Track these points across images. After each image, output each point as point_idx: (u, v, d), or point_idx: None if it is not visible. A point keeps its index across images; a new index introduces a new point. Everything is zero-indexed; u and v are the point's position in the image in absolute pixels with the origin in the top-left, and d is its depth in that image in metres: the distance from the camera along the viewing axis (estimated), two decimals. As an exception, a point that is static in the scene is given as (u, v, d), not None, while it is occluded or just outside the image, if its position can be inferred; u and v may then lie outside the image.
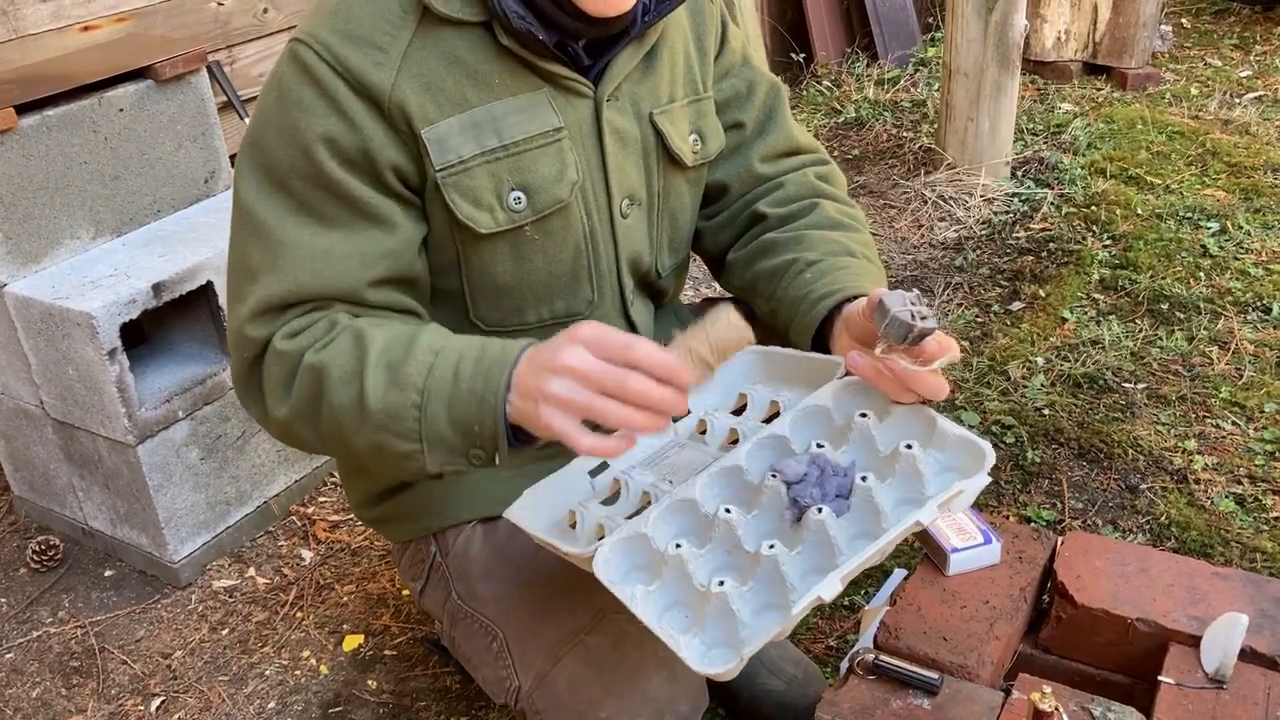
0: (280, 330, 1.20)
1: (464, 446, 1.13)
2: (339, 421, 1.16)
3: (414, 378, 1.13)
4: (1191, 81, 4.35)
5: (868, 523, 1.12)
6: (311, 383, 1.17)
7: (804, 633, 1.94)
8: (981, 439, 1.13)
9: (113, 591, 2.20)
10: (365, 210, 1.22)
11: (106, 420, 2.05)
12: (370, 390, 1.13)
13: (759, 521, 1.17)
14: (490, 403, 1.09)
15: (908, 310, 1.07)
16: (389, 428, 1.13)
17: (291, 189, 1.21)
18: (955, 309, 2.94)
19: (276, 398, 1.20)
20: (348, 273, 1.21)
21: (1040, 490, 2.26)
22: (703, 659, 1.07)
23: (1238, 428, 2.39)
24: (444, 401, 1.12)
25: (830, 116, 4.24)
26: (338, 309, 1.21)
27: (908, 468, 1.14)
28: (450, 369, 1.13)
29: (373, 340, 1.16)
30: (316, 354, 1.17)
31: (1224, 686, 1.21)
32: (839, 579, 1.04)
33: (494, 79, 1.24)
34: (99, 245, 2.19)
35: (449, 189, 1.24)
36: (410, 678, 1.94)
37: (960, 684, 1.24)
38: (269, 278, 1.20)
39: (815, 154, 1.56)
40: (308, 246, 1.20)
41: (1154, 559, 1.39)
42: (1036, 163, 3.67)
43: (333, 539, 2.28)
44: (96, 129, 2.14)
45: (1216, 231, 3.18)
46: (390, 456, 1.16)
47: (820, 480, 1.14)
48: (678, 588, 1.13)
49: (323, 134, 1.19)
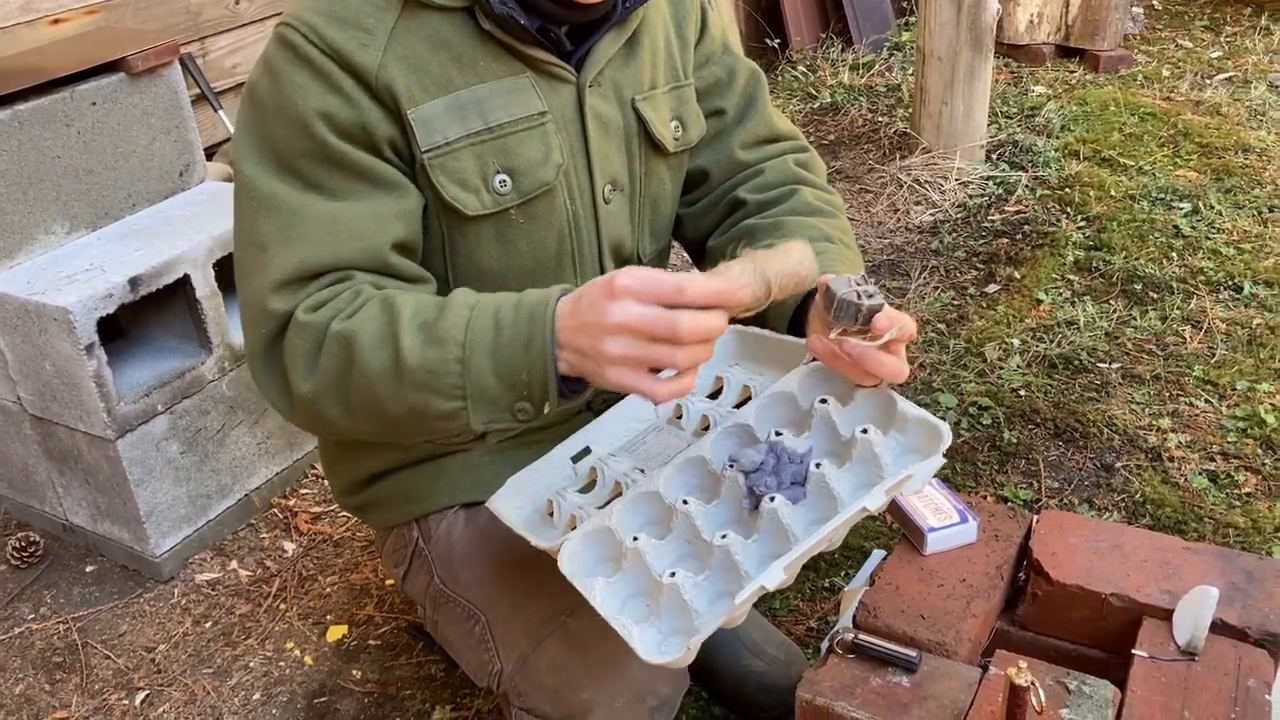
0: (303, 303, 1.16)
1: (509, 399, 1.10)
2: (372, 389, 1.12)
3: (453, 331, 1.10)
4: (1163, 63, 4.38)
5: (824, 509, 1.14)
6: (340, 351, 1.13)
7: (785, 615, 1.96)
8: (939, 419, 1.15)
9: (95, 587, 2.19)
10: (373, 177, 1.21)
11: (85, 415, 2.05)
12: (407, 350, 1.10)
13: (719, 511, 1.19)
14: (538, 347, 1.07)
15: (853, 291, 1.09)
16: (429, 385, 1.10)
17: (297, 169, 1.20)
18: (931, 292, 2.96)
19: (300, 372, 1.16)
20: (365, 233, 1.19)
21: (1017, 470, 2.28)
22: (656, 648, 1.09)
23: (1211, 405, 2.42)
24: (487, 352, 1.09)
25: (806, 102, 4.25)
26: (360, 280, 1.19)
27: (865, 452, 1.16)
28: (490, 319, 1.10)
29: (403, 304, 1.13)
30: (343, 322, 1.14)
31: (1195, 658, 1.23)
32: (782, 568, 1.06)
33: (478, 62, 1.25)
34: (74, 240, 2.18)
35: (435, 170, 1.24)
36: (394, 666, 1.95)
37: (938, 661, 1.26)
38: (284, 248, 1.18)
39: (795, 140, 1.57)
40: (322, 214, 1.18)
41: (1127, 535, 1.41)
42: (1011, 146, 3.70)
43: (315, 531, 2.29)
44: (69, 123, 2.13)
45: (1189, 212, 3.21)
46: (430, 418, 1.13)
47: (776, 469, 1.16)
48: (637, 579, 1.15)
49: (320, 110, 1.18)
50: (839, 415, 1.20)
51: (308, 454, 2.43)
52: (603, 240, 1.40)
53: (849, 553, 2.07)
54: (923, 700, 1.20)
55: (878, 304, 1.09)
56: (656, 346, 1.02)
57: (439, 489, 1.46)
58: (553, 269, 1.37)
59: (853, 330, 1.11)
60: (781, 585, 1.08)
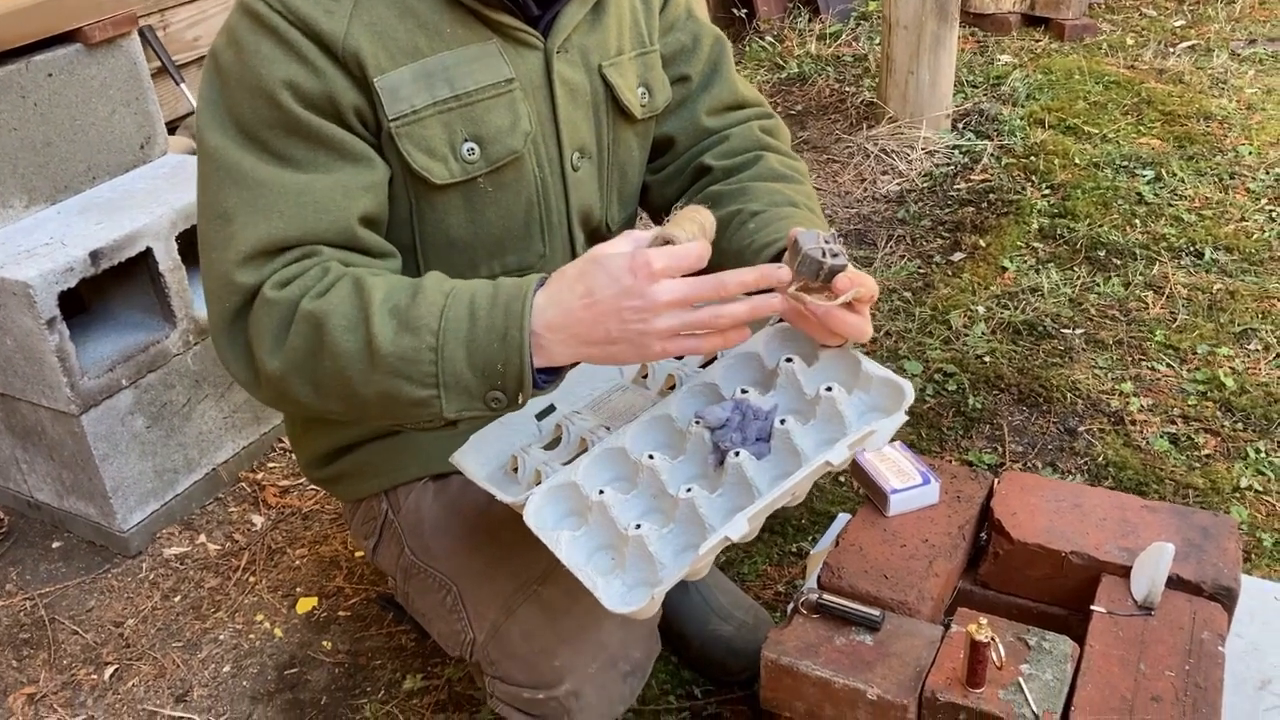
0: (270, 279, 1.16)
1: (483, 389, 1.11)
2: (342, 371, 1.12)
3: (427, 319, 1.10)
4: (1127, 31, 4.41)
5: (788, 464, 1.16)
6: (309, 331, 1.12)
7: (753, 579, 1.98)
8: (902, 378, 1.17)
9: (61, 563, 2.18)
10: (339, 148, 1.20)
11: (48, 390, 2.03)
12: (379, 335, 1.10)
13: (685, 466, 1.21)
14: (514, 339, 1.08)
15: (819, 248, 1.10)
16: (402, 373, 1.10)
17: (262, 139, 1.19)
18: (898, 261, 2.97)
19: (267, 349, 1.15)
20: (332, 206, 1.18)
21: (981, 435, 2.31)
22: (621, 599, 1.11)
23: (1172, 369, 2.45)
24: (462, 342, 1.09)
25: (773, 72, 4.25)
26: (328, 256, 1.18)
27: (828, 410, 1.17)
28: (465, 307, 1.10)
29: (374, 286, 1.13)
30: (313, 301, 1.13)
31: (1152, 613, 1.25)
32: (745, 519, 1.08)
33: (445, 29, 1.24)
34: (33, 214, 2.15)
35: (402, 139, 1.24)
36: (365, 637, 1.95)
37: (901, 620, 1.27)
38: (250, 220, 1.16)
39: (760, 108, 1.57)
40: (289, 185, 1.17)
41: (1087, 495, 1.43)
42: (976, 114, 3.71)
43: (283, 504, 2.28)
44: (25, 94, 2.09)
45: (1151, 179, 3.24)
46: (402, 404, 1.13)
47: (741, 425, 1.18)
48: (603, 532, 1.17)
49: (285, 80, 1.17)
50: (804, 374, 1.22)
51: (275, 427, 2.42)
52: (571, 208, 1.40)
53: (815, 517, 2.09)
54: (885, 658, 1.22)
55: (841, 264, 1.11)
56: (703, 313, 1.07)
57: (408, 461, 1.46)
58: (521, 237, 1.37)
59: (814, 287, 1.13)
60: (745, 537, 1.09)
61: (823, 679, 1.21)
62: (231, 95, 1.19)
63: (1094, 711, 1.14)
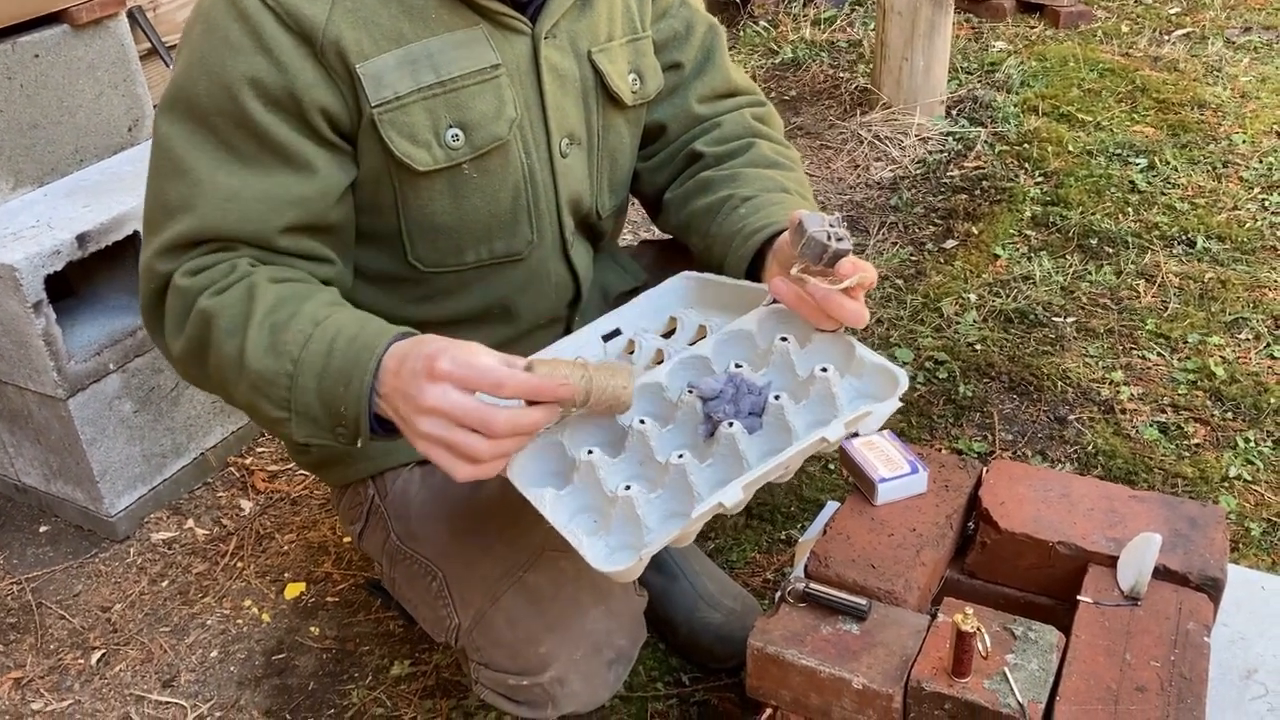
0: (182, 266, 1.20)
1: (330, 423, 1.14)
2: (222, 370, 1.17)
3: (290, 347, 1.13)
4: (1122, 19, 4.39)
5: (779, 440, 1.16)
6: (201, 326, 1.17)
7: (742, 567, 1.98)
8: (897, 366, 1.17)
9: (49, 547, 2.18)
10: (283, 153, 1.20)
11: (35, 374, 2.02)
12: (250, 349, 1.14)
13: (674, 435, 1.21)
14: (356, 388, 1.10)
15: (825, 231, 1.10)
16: (262, 390, 1.14)
17: (212, 126, 1.19)
18: (890, 248, 2.97)
19: (172, 333, 1.21)
20: (254, 216, 1.20)
21: (971, 423, 2.31)
22: (606, 559, 1.10)
23: (1163, 358, 2.45)
24: (315, 376, 1.12)
25: (767, 57, 4.23)
26: (242, 252, 1.21)
27: (822, 390, 1.17)
28: (325, 344, 1.12)
29: (262, 297, 1.16)
30: (209, 299, 1.17)
31: (1138, 603, 1.25)
32: (740, 487, 1.08)
33: (430, 14, 1.23)
34: (19, 196, 2.14)
35: (385, 126, 1.23)
36: (353, 623, 1.95)
37: (888, 609, 1.27)
38: (182, 215, 1.19)
39: (752, 95, 1.56)
40: (221, 185, 1.19)
41: (1075, 485, 1.43)
42: (970, 101, 3.70)
43: (272, 489, 2.27)
44: (11, 76, 2.08)
45: (1145, 168, 3.24)
46: (260, 418, 1.19)
47: (735, 397, 1.17)
48: (588, 493, 1.16)
49: (248, 75, 1.17)
50: (797, 355, 1.21)
51: (264, 413, 2.41)
52: (560, 195, 1.39)
53: (804, 505, 2.09)
54: (872, 647, 1.22)
55: (845, 248, 1.10)
56: (466, 434, 1.04)
57: (395, 446, 1.45)
58: (508, 223, 1.36)
59: (815, 270, 1.12)
60: (736, 507, 1.09)
61: (809, 668, 1.21)
62: (193, 75, 1.19)
63: (1079, 701, 1.14)
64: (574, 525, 1.14)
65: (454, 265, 1.37)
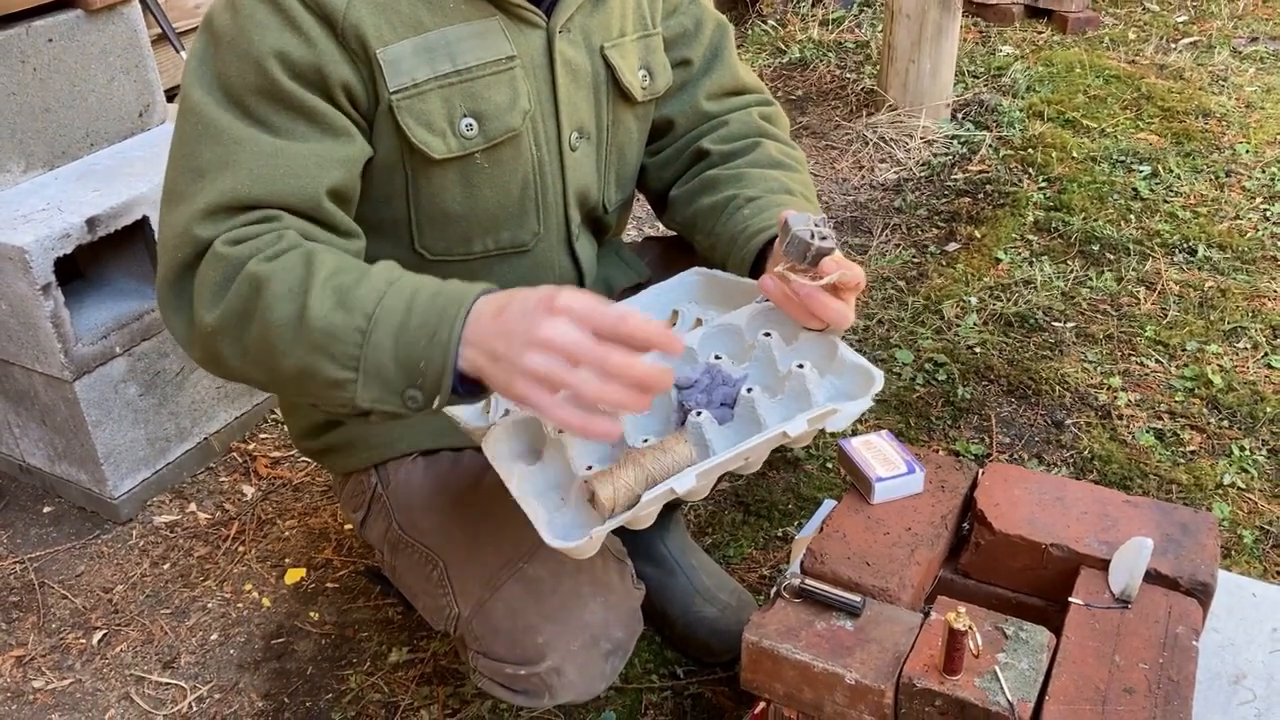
0: (224, 235, 1.14)
1: (402, 384, 1.08)
2: (269, 338, 1.10)
3: (364, 302, 1.08)
4: (1130, 26, 4.41)
5: (748, 431, 1.18)
6: (249, 293, 1.11)
7: (738, 562, 2.00)
8: (875, 367, 1.19)
9: (52, 527, 2.19)
10: (320, 120, 1.20)
11: (42, 356, 2.04)
12: (313, 307, 1.07)
13: (648, 420, 1.23)
14: (442, 340, 1.05)
15: (809, 230, 1.12)
16: (326, 349, 1.08)
17: (245, 104, 1.18)
18: (893, 249, 2.98)
19: (206, 303, 1.14)
20: (303, 172, 1.17)
21: (969, 425, 2.32)
22: (561, 535, 1.12)
23: (1161, 365, 2.47)
24: (392, 331, 1.07)
25: (775, 56, 4.25)
26: (287, 223, 1.17)
27: (797, 386, 1.20)
28: (404, 300, 1.08)
29: (322, 262, 1.11)
30: (260, 264, 1.11)
31: (1129, 606, 1.27)
32: (694, 474, 1.10)
33: (448, 3, 1.25)
34: (30, 179, 2.15)
35: (403, 113, 1.24)
36: (352, 609, 1.97)
37: (882, 607, 1.29)
38: (221, 175, 1.15)
39: (760, 94, 1.58)
40: (264, 146, 1.17)
41: (1070, 488, 1.45)
42: (976, 105, 3.71)
43: (274, 475, 2.29)
44: (24, 59, 2.09)
45: (1148, 175, 3.25)
46: (317, 383, 1.10)
47: (709, 388, 1.20)
48: (556, 470, 1.19)
49: (276, 49, 1.17)
50: (780, 351, 1.24)
51: (268, 398, 2.43)
52: (568, 188, 1.40)
53: (802, 503, 2.11)
54: (865, 644, 1.24)
55: (828, 247, 1.12)
56: (575, 372, 0.99)
57: (399, 435, 1.47)
58: (516, 214, 1.37)
59: (800, 268, 1.14)
60: (692, 494, 1.12)
61: (802, 662, 1.23)
62: (221, 57, 1.19)
63: (1067, 701, 1.15)
64: (541, 501, 1.15)
65: (460, 254, 1.38)
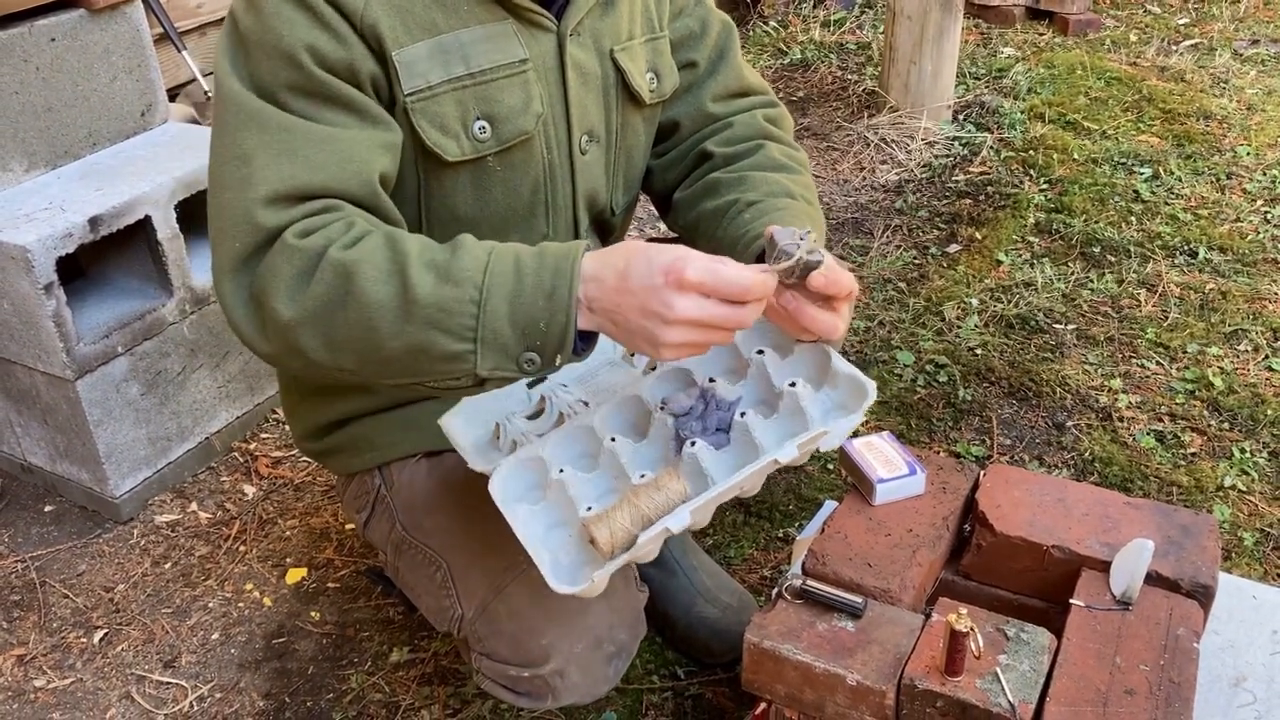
0: (293, 225, 1.12)
1: (519, 348, 1.08)
2: (370, 322, 1.08)
3: (470, 273, 1.08)
4: (1131, 28, 4.41)
5: (745, 456, 1.19)
6: (336, 280, 1.09)
7: (740, 563, 2.00)
8: (867, 378, 1.19)
9: (53, 526, 2.20)
10: (360, 110, 1.20)
11: (44, 355, 2.04)
12: (417, 284, 1.07)
13: (648, 449, 1.24)
14: (561, 299, 1.07)
15: (795, 244, 1.11)
16: (440, 324, 1.07)
17: (281, 101, 1.17)
18: (894, 251, 2.99)
19: (283, 296, 1.11)
20: (357, 157, 1.17)
21: (970, 427, 2.33)
22: (568, 579, 1.14)
23: (1161, 367, 2.47)
24: (506, 296, 1.07)
25: (776, 58, 4.25)
26: (351, 212, 1.16)
27: (791, 405, 1.20)
28: (509, 265, 1.09)
29: (409, 241, 1.11)
30: (341, 251, 1.10)
31: (1130, 608, 1.27)
32: (689, 511, 1.11)
33: (462, 6, 1.25)
34: (32, 178, 2.16)
35: (417, 115, 1.24)
36: (353, 609, 1.97)
37: (883, 608, 1.29)
38: (274, 161, 1.14)
39: (765, 95, 1.58)
40: (314, 132, 1.16)
41: (1071, 490, 1.45)
42: (977, 106, 3.72)
43: (275, 474, 2.29)
44: (27, 59, 2.09)
45: (1149, 177, 3.25)
46: (433, 358, 1.09)
47: (703, 414, 1.21)
48: (560, 509, 1.20)
49: (307, 43, 1.16)
50: (774, 367, 1.25)
51: (269, 398, 2.43)
52: (578, 191, 1.41)
53: (803, 504, 2.11)
54: (866, 645, 1.24)
55: (815, 260, 1.12)
56: (714, 334, 1.08)
57: (402, 437, 1.48)
58: (526, 217, 1.38)
59: (789, 283, 1.14)
60: (688, 528, 1.13)
61: (804, 663, 1.23)
62: (251, 57, 1.18)
63: (1068, 703, 1.16)
64: (546, 541, 1.18)
65: None
